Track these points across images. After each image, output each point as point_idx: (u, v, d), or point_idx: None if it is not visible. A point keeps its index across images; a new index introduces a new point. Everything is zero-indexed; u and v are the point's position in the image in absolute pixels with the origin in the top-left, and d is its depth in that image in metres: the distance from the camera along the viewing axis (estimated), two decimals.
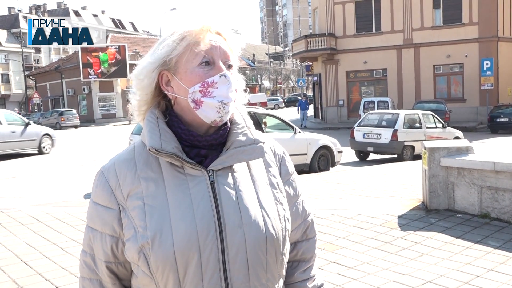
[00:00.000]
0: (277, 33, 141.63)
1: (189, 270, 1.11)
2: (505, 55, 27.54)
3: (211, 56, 1.18)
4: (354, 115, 27.99)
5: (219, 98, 1.17)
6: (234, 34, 1.27)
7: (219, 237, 1.13)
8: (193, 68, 1.18)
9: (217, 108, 1.17)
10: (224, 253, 1.13)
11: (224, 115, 1.18)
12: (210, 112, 1.17)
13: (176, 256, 1.10)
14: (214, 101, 1.16)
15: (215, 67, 1.18)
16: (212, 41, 1.19)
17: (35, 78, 53.62)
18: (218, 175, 1.18)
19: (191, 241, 1.11)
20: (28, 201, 8.16)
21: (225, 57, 1.20)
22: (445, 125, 15.41)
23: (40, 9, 77.06)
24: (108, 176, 1.21)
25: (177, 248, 1.10)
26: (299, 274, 1.33)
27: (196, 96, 1.17)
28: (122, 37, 51.87)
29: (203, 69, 1.18)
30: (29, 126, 16.92)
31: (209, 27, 1.20)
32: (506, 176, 5.69)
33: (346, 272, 4.33)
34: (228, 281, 1.13)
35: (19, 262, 4.81)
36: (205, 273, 1.12)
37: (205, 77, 1.17)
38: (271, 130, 10.89)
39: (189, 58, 1.18)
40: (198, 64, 1.18)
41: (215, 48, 1.19)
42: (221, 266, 1.12)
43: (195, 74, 1.18)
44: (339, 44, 30.52)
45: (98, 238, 1.21)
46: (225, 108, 1.18)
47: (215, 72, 1.18)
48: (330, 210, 6.51)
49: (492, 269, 4.30)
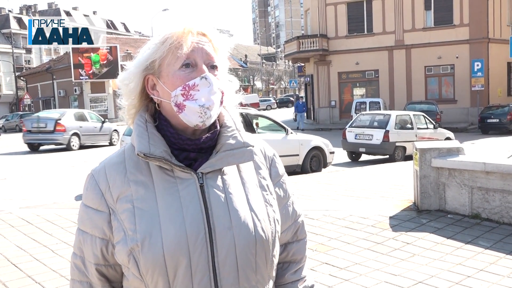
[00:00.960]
0: (269, 34, 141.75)
1: (179, 273, 1.11)
2: (495, 57, 27.75)
3: (193, 58, 1.17)
4: (346, 116, 28.07)
5: (200, 102, 1.15)
6: (219, 34, 1.25)
7: (208, 239, 1.12)
8: (175, 71, 1.17)
9: (199, 113, 1.16)
10: (214, 255, 1.12)
11: (206, 120, 1.17)
12: (192, 116, 1.16)
13: (166, 258, 1.10)
14: (195, 105, 1.15)
15: (197, 69, 1.17)
16: (194, 43, 1.18)
17: (26, 79, 53.23)
18: (208, 178, 1.18)
19: (180, 244, 1.11)
20: (18, 203, 8.11)
21: (208, 58, 1.19)
22: (436, 126, 15.49)
23: (31, 10, 76.60)
24: (99, 179, 1.21)
25: (166, 250, 1.10)
26: (290, 275, 1.34)
27: (179, 100, 1.16)
28: (114, 38, 51.74)
29: (184, 72, 1.17)
30: (104, 123, 20.95)
31: (191, 29, 1.19)
32: (496, 177, 5.73)
33: (338, 273, 4.34)
34: (218, 283, 1.13)
35: (9, 264, 4.78)
36: (195, 275, 1.11)
37: (186, 79, 1.16)
38: (263, 131, 10.89)
39: (170, 61, 1.18)
40: (180, 67, 1.17)
41: (197, 50, 1.18)
42: (210, 269, 1.12)
43: (176, 77, 1.17)
44: (331, 45, 30.60)
45: (88, 240, 1.20)
46: (206, 113, 1.16)
47: (196, 74, 1.17)
48: (322, 211, 6.52)
49: (482, 269, 4.32)
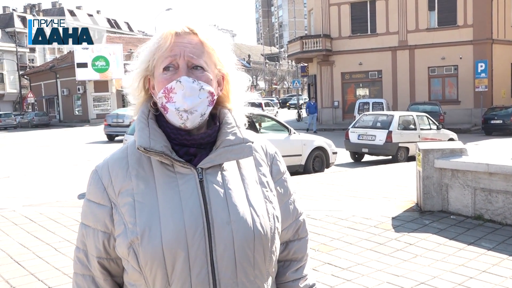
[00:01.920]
0: (272, 34, 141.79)
1: (177, 266, 1.13)
2: (499, 57, 27.68)
3: (174, 60, 1.19)
4: (349, 116, 28.04)
5: (176, 105, 1.17)
6: (213, 30, 1.25)
7: (207, 233, 1.14)
8: (159, 74, 1.20)
9: (177, 115, 1.18)
10: (212, 249, 1.14)
11: (186, 122, 1.18)
12: (174, 118, 1.19)
13: (164, 251, 1.12)
14: (173, 108, 1.17)
15: (178, 71, 1.19)
16: (175, 44, 1.19)
17: (29, 77, 53.38)
18: (207, 173, 1.20)
19: (179, 237, 1.12)
20: (21, 201, 8.14)
21: (189, 58, 1.19)
22: (440, 127, 15.45)
23: (35, 9, 76.73)
24: (102, 174, 1.23)
25: (165, 244, 1.12)
26: (291, 273, 1.34)
27: (163, 102, 1.19)
28: (117, 37, 51.74)
29: (166, 75, 1.19)
30: None
31: (175, 29, 1.20)
32: (499, 178, 5.71)
33: (340, 273, 4.34)
34: (215, 277, 1.14)
35: (12, 262, 4.79)
36: (193, 269, 1.13)
37: (166, 82, 1.18)
38: (266, 131, 10.90)
39: (157, 64, 1.21)
40: (162, 70, 1.20)
41: (176, 51, 1.19)
42: (208, 263, 1.14)
43: (159, 80, 1.20)
44: (334, 46, 30.58)
45: (90, 234, 1.23)
46: (182, 116, 1.17)
47: (176, 76, 1.18)
48: (325, 211, 6.52)
49: (485, 270, 4.31)
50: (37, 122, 42.20)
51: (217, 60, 1.24)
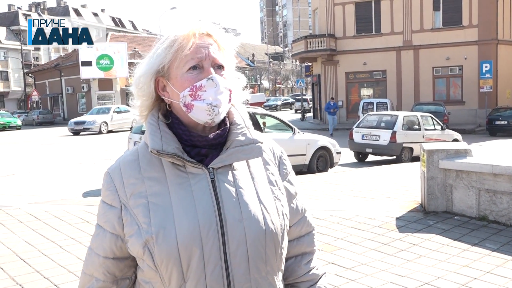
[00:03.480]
0: (276, 33, 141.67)
1: (192, 263, 1.16)
2: (504, 58, 27.57)
3: (199, 60, 1.22)
4: (353, 116, 27.99)
5: (207, 101, 1.21)
6: (224, 33, 1.29)
7: (220, 231, 1.17)
8: (183, 74, 1.23)
9: (207, 110, 1.21)
10: (225, 246, 1.17)
11: (214, 117, 1.22)
12: (201, 114, 1.22)
13: (180, 249, 1.15)
14: (203, 104, 1.21)
15: (204, 70, 1.22)
16: (199, 45, 1.22)
17: (34, 75, 53.58)
18: (219, 173, 1.23)
19: (193, 235, 1.15)
20: (26, 199, 8.17)
21: (214, 59, 1.23)
22: (444, 127, 15.42)
23: (40, 7, 76.86)
24: (114, 176, 1.26)
25: (180, 242, 1.15)
26: (303, 265, 1.39)
27: (187, 100, 1.22)
28: (122, 36, 51.83)
29: (192, 74, 1.22)
30: None
31: (195, 31, 1.23)
32: (504, 179, 5.71)
33: (344, 273, 4.35)
34: (229, 273, 1.17)
35: (18, 260, 4.82)
36: (208, 266, 1.16)
37: (194, 81, 1.22)
38: (270, 131, 10.90)
39: (179, 64, 1.23)
40: (187, 70, 1.22)
41: (202, 52, 1.22)
42: (222, 259, 1.17)
43: (184, 79, 1.22)
44: (338, 45, 30.53)
45: (100, 234, 1.27)
46: (214, 110, 1.21)
47: (203, 75, 1.22)
48: (329, 211, 6.53)
49: (489, 271, 4.31)
50: (41, 120, 42.29)
51: (226, 60, 1.28)
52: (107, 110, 30.23)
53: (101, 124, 28.52)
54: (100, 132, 28.20)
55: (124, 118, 29.69)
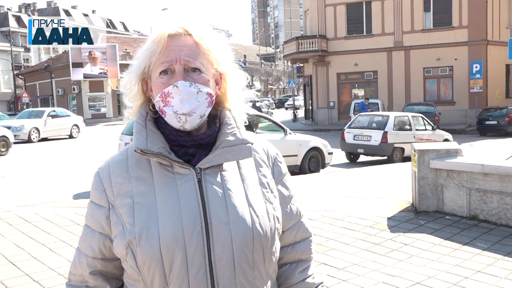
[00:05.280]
0: (268, 34, 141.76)
1: (175, 266, 1.13)
2: (494, 59, 27.79)
3: (169, 64, 1.18)
4: (344, 117, 28.08)
5: (174, 108, 1.17)
6: (207, 30, 1.24)
7: (205, 233, 1.14)
8: (156, 78, 1.20)
9: (175, 118, 1.18)
10: (210, 249, 1.14)
11: (185, 124, 1.18)
12: (172, 121, 1.19)
13: (162, 251, 1.12)
14: (171, 111, 1.18)
15: (175, 75, 1.18)
16: (170, 48, 1.18)
17: (24, 77, 53.11)
18: (206, 174, 1.20)
19: (176, 237, 1.12)
20: (16, 201, 8.09)
21: (186, 61, 1.18)
22: (435, 128, 15.52)
23: (30, 8, 76.42)
24: (102, 176, 1.25)
25: (162, 243, 1.12)
26: (299, 273, 1.35)
27: (160, 105, 1.20)
28: (113, 37, 51.60)
29: (162, 79, 1.19)
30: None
31: (168, 31, 1.19)
32: (494, 179, 5.74)
33: (336, 274, 4.35)
34: (214, 277, 1.14)
35: (7, 263, 4.77)
36: (191, 269, 1.13)
37: (163, 87, 1.18)
38: (261, 132, 10.89)
39: (154, 67, 1.21)
40: (159, 74, 1.19)
41: (172, 55, 1.18)
42: (207, 263, 1.14)
43: (156, 84, 1.20)
44: (330, 46, 30.62)
45: (89, 234, 1.25)
46: (181, 118, 1.17)
47: (173, 80, 1.18)
48: (320, 211, 6.53)
49: (480, 270, 4.33)
50: None
51: (213, 60, 1.23)
52: (40, 113, 24.64)
53: (30, 131, 22.83)
54: (29, 140, 22.62)
55: (61, 124, 25.00)
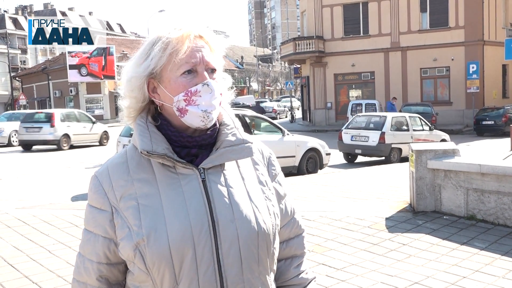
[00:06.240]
0: (265, 35, 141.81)
1: (185, 265, 1.15)
2: (490, 59, 27.85)
3: (193, 64, 1.20)
4: (342, 117, 28.07)
5: (202, 107, 1.19)
6: (215, 35, 1.28)
7: (212, 231, 1.16)
8: (177, 78, 1.21)
9: (201, 117, 1.20)
10: (218, 247, 1.16)
11: (208, 123, 1.21)
12: (194, 119, 1.20)
13: (172, 251, 1.14)
14: (198, 110, 1.19)
15: (198, 75, 1.20)
16: (193, 49, 1.21)
17: (21, 79, 53.00)
18: (209, 173, 1.22)
19: (185, 236, 1.14)
20: (14, 204, 8.08)
21: (207, 62, 1.22)
22: (432, 128, 15.54)
23: (27, 10, 76.23)
24: (102, 180, 1.24)
25: (172, 243, 1.14)
26: (293, 269, 1.39)
27: (181, 105, 1.20)
28: (110, 39, 51.53)
29: (186, 78, 1.20)
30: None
31: (189, 33, 1.21)
32: (491, 178, 5.76)
33: (334, 274, 4.36)
34: (222, 274, 1.17)
35: (6, 265, 4.77)
36: (200, 267, 1.15)
37: (188, 86, 1.20)
38: (259, 132, 10.91)
39: (172, 68, 1.21)
40: (181, 74, 1.20)
41: (196, 56, 1.20)
42: (215, 260, 1.16)
43: (178, 84, 1.20)
44: (327, 47, 30.65)
45: (92, 239, 1.24)
46: (208, 117, 1.20)
47: (198, 80, 1.20)
48: (319, 212, 6.54)
49: (478, 270, 4.35)
50: None
51: (217, 62, 1.27)
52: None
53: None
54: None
55: None
